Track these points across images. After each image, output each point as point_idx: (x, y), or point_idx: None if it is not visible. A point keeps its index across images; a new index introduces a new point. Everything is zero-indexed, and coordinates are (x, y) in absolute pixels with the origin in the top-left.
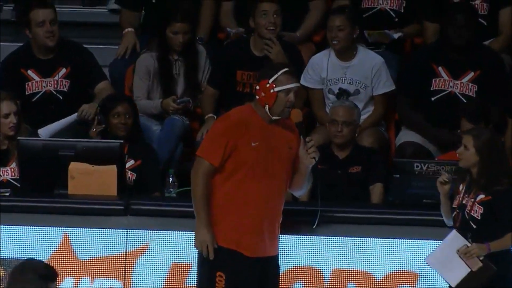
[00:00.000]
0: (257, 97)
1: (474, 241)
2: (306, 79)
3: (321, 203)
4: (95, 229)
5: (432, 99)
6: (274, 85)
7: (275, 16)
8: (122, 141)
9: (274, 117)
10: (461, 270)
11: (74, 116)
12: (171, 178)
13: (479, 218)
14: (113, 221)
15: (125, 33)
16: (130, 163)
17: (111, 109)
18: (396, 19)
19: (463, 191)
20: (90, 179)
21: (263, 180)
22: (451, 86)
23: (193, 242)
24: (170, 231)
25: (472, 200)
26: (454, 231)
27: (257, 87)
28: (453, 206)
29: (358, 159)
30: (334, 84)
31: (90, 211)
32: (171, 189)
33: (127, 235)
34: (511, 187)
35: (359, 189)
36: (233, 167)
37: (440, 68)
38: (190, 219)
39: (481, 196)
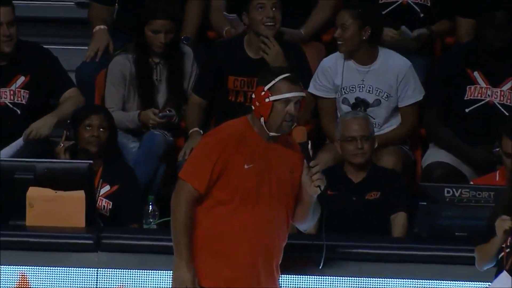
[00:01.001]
0: (253, 107)
1: None
2: (315, 86)
3: (331, 236)
4: (59, 268)
5: (467, 110)
6: (269, 93)
7: (274, 9)
8: (91, 161)
9: (272, 133)
10: None
11: (20, 141)
12: (150, 206)
13: None
14: (81, 259)
15: (95, 31)
16: (105, 189)
17: (83, 120)
18: (422, 15)
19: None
20: (53, 207)
21: (258, 209)
22: (489, 95)
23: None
24: (149, 271)
25: None
26: (504, 273)
27: (253, 96)
28: None
29: (376, 183)
30: (350, 93)
31: (52, 247)
32: (151, 220)
33: (97, 275)
34: None
35: (377, 219)
36: (222, 192)
37: (476, 74)
38: (172, 256)
39: None
